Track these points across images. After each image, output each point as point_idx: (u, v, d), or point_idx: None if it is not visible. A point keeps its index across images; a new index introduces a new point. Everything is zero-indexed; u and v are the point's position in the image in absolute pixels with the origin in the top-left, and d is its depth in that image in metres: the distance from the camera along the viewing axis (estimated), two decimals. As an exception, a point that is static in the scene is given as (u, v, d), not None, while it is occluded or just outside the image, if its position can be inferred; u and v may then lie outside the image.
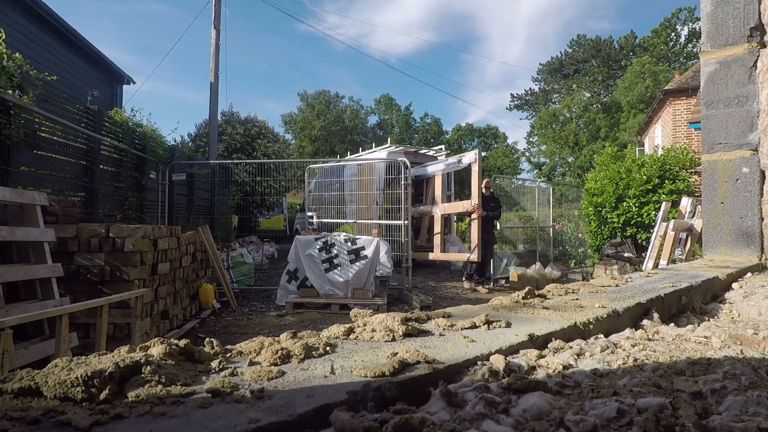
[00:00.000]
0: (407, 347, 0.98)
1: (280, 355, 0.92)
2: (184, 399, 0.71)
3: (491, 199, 8.31)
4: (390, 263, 6.74)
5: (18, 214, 3.65)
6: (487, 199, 8.05)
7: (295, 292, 6.68)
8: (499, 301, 1.63)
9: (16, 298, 3.46)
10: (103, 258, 4.23)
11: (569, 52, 40.13)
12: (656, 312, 1.61)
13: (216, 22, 12.23)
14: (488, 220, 8.06)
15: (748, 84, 2.97)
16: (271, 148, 16.04)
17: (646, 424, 0.66)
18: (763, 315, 1.73)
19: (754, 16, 2.93)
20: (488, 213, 7.96)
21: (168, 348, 0.88)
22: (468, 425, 0.69)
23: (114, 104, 14.02)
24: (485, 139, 41.99)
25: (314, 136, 37.82)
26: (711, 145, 3.16)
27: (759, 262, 2.89)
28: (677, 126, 14.81)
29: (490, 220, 8.15)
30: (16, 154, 5.24)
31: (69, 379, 0.72)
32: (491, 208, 8.09)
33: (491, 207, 8.12)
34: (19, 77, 5.30)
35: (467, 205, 7.88)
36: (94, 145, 6.98)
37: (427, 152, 12.30)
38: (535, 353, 1.05)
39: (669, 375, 0.92)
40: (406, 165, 7.83)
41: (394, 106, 43.35)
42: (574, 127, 32.93)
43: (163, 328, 4.96)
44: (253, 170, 12.21)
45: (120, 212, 7.78)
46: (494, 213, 8.27)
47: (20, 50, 6.11)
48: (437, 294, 7.76)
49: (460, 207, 8.78)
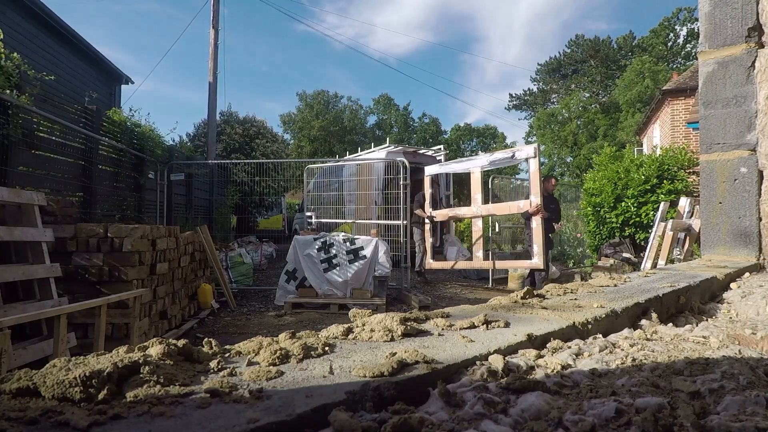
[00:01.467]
0: (406, 347, 0.98)
1: (279, 355, 0.92)
2: (182, 399, 0.71)
3: (551, 199, 7.51)
4: (389, 263, 6.74)
5: (16, 214, 3.65)
6: (546, 200, 7.05)
7: (294, 292, 6.68)
8: (497, 301, 1.63)
9: (14, 298, 3.45)
10: (101, 258, 4.22)
11: (568, 53, 40.18)
12: (655, 312, 1.61)
13: (214, 21, 12.23)
14: (549, 223, 7.16)
15: (746, 84, 2.98)
16: (270, 148, 16.04)
17: (644, 424, 0.66)
18: (761, 315, 1.74)
19: (752, 16, 2.94)
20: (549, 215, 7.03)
21: (166, 348, 0.88)
22: (467, 425, 0.69)
23: (112, 104, 14.00)
24: (484, 139, 41.99)
25: (313, 136, 37.81)
26: (709, 145, 3.17)
27: (757, 262, 2.89)
28: (675, 126, 14.83)
29: (550, 223, 7.30)
30: (14, 154, 5.23)
31: (67, 380, 0.72)
32: (552, 210, 7.20)
33: (551, 209, 7.22)
34: (17, 77, 5.29)
35: (525, 205, 6.70)
36: (92, 145, 6.97)
37: (426, 152, 12.31)
38: (533, 353, 1.05)
39: (667, 375, 0.92)
40: (405, 165, 7.83)
41: (393, 106, 43.36)
42: (574, 127, 32.97)
43: (161, 328, 4.96)
44: (252, 170, 12.20)
45: (118, 212, 7.77)
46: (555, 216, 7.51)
47: (18, 50, 6.09)
48: (436, 294, 7.77)
49: (513, 208, 7.58)
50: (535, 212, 6.50)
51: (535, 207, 6.50)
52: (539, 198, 6.47)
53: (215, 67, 12.21)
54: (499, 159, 7.30)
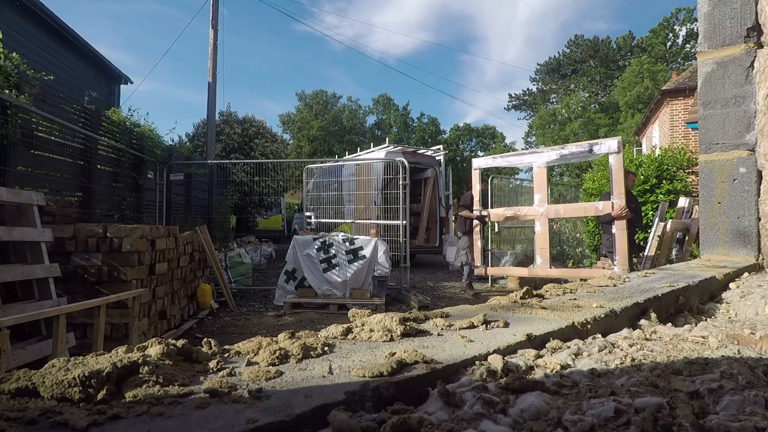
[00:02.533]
0: (405, 347, 0.98)
1: (278, 355, 0.92)
2: (181, 399, 0.71)
3: (631, 198, 6.65)
4: (388, 263, 6.73)
5: (15, 214, 3.64)
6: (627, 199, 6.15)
7: (293, 292, 6.68)
8: (497, 301, 1.63)
9: (13, 299, 3.44)
10: (100, 258, 4.22)
11: (567, 53, 40.23)
12: (654, 312, 1.61)
13: (214, 21, 12.23)
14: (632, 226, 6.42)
15: (745, 84, 2.98)
16: (269, 148, 16.03)
17: (643, 424, 0.67)
18: (759, 315, 1.74)
19: (751, 16, 2.94)
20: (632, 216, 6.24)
21: (166, 348, 0.88)
22: (466, 425, 0.69)
23: (111, 104, 13.99)
24: (483, 139, 42.01)
25: (312, 136, 37.83)
26: (708, 145, 3.17)
27: (756, 262, 2.90)
28: (675, 126, 14.85)
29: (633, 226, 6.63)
30: (13, 154, 5.23)
31: (66, 380, 0.71)
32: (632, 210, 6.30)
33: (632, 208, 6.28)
34: (16, 77, 5.29)
35: (605, 207, 5.88)
36: (91, 145, 6.96)
37: (426, 152, 12.31)
38: (532, 353, 1.05)
39: (666, 375, 0.92)
40: (404, 165, 7.83)
41: (392, 106, 43.38)
42: (575, 127, 33.00)
43: (160, 328, 4.95)
44: (251, 170, 12.19)
45: (117, 212, 7.77)
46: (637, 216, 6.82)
47: (17, 50, 6.09)
48: (435, 294, 7.77)
49: (589, 210, 6.75)
50: (620, 215, 5.72)
51: (620, 209, 5.70)
52: (623, 199, 5.72)
53: (214, 67, 12.21)
54: (571, 153, 6.43)
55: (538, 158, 6.59)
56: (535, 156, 6.69)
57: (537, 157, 6.63)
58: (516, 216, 7.33)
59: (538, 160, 6.56)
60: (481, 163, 7.22)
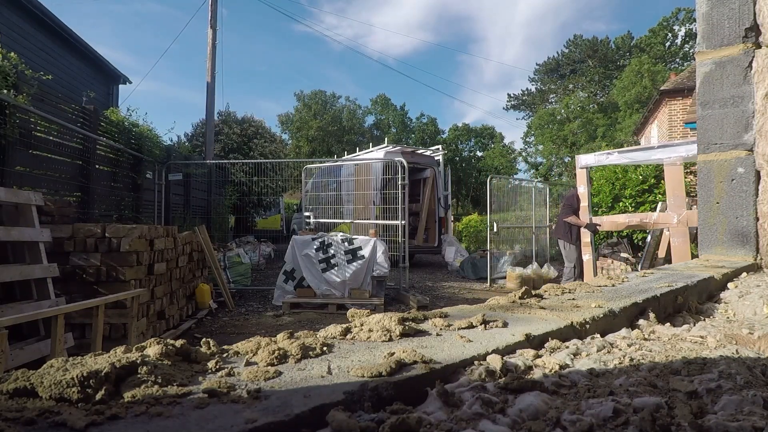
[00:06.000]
0: (404, 347, 0.98)
1: (277, 355, 0.91)
2: (180, 399, 0.71)
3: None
4: (387, 263, 6.74)
5: (13, 214, 3.64)
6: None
7: (292, 292, 6.67)
8: (495, 301, 1.63)
9: (11, 299, 3.44)
10: (99, 258, 4.21)
11: (566, 53, 40.28)
12: (652, 312, 1.62)
13: (213, 21, 12.21)
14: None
15: (743, 84, 2.99)
16: (268, 148, 16.02)
17: (642, 424, 0.67)
18: (758, 314, 1.74)
19: (749, 16, 2.95)
20: None
21: (164, 348, 0.87)
22: (465, 425, 0.69)
23: (110, 104, 13.98)
24: (482, 139, 42.03)
25: (311, 136, 37.81)
26: (706, 145, 3.17)
27: (754, 262, 2.90)
28: (673, 126, 14.88)
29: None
30: (12, 153, 5.22)
31: (65, 380, 0.71)
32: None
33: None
34: (14, 77, 5.28)
35: None
36: (89, 144, 6.95)
37: (425, 152, 12.31)
38: (531, 353, 1.05)
39: (665, 374, 0.92)
40: (403, 165, 7.83)
41: (391, 106, 43.37)
42: (574, 127, 33.03)
43: (159, 328, 4.95)
44: (250, 170, 12.18)
45: (116, 212, 7.75)
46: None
47: (15, 49, 6.08)
48: (434, 294, 7.77)
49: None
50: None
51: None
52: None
53: (213, 67, 12.19)
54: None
55: (671, 153, 5.45)
56: (667, 150, 5.50)
57: (670, 151, 5.47)
58: (641, 225, 6.15)
59: (672, 155, 5.44)
60: (590, 161, 6.13)
